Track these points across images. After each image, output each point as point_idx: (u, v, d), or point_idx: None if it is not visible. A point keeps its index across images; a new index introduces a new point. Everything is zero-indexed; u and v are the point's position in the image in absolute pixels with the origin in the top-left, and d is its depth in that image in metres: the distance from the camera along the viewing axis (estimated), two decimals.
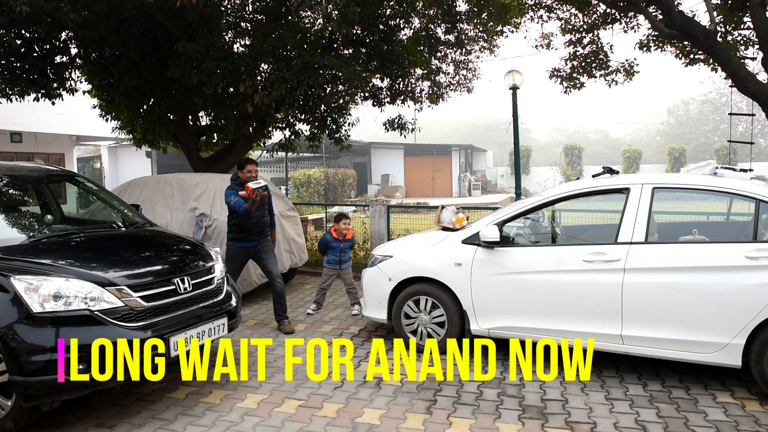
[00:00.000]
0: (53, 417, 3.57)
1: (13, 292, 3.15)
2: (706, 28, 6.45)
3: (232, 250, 5.48)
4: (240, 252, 5.48)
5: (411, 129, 9.65)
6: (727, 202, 4.94)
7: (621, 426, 3.39)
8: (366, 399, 3.83)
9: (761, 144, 42.77)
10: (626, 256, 3.94)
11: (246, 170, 5.39)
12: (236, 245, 5.46)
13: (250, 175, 5.38)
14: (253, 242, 5.48)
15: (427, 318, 4.75)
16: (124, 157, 23.96)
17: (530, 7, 9.72)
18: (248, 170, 5.38)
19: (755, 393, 3.82)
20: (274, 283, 5.50)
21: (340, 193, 26.81)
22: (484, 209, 7.72)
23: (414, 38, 9.01)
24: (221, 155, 9.51)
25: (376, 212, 8.28)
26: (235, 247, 5.47)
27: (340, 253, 5.98)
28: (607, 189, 4.31)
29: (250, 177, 5.37)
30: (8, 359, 3.08)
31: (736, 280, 3.67)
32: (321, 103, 7.91)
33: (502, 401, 3.79)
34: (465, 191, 32.43)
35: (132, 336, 3.33)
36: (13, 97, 7.91)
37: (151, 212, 6.50)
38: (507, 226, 4.57)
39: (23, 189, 4.86)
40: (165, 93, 8.51)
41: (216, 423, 3.50)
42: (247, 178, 5.38)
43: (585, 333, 4.12)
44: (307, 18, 8.61)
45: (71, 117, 16.31)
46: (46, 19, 6.30)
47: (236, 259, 5.47)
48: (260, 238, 5.52)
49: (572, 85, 10.04)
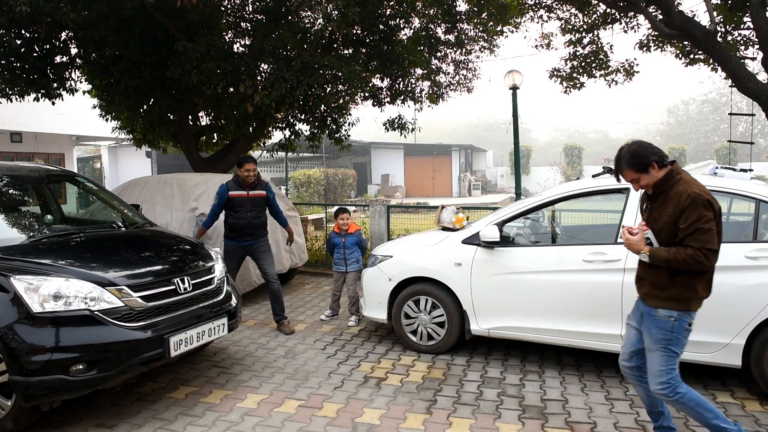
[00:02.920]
0: (53, 417, 3.57)
1: (13, 292, 3.15)
2: (706, 28, 6.45)
3: (227, 247, 5.54)
4: (235, 250, 5.51)
5: (411, 129, 9.66)
6: (727, 202, 4.93)
7: (621, 426, 3.39)
8: (366, 399, 3.83)
9: (761, 144, 42.76)
10: (626, 256, 3.94)
11: (243, 169, 5.38)
12: (231, 243, 5.51)
13: (248, 174, 5.37)
14: (246, 242, 5.50)
15: (427, 318, 4.75)
16: (124, 157, 23.97)
17: (530, 7, 9.72)
18: (245, 169, 5.38)
19: (755, 393, 3.82)
20: (270, 283, 5.50)
21: (340, 193, 26.80)
22: (484, 209, 7.72)
23: (414, 38, 9.00)
24: (221, 155, 9.51)
25: (376, 212, 8.28)
26: (230, 245, 5.52)
27: (344, 250, 5.90)
28: (607, 189, 4.31)
29: (247, 176, 5.37)
30: (8, 359, 3.08)
31: (736, 280, 3.66)
32: (321, 103, 7.91)
33: (502, 401, 3.79)
34: (465, 191, 32.44)
35: (132, 336, 3.33)
36: (13, 97, 7.91)
37: (151, 212, 6.50)
38: (507, 226, 4.57)
39: (23, 189, 4.86)
40: (165, 93, 8.51)
41: (216, 423, 3.50)
42: (244, 177, 5.38)
43: (585, 333, 4.12)
44: (307, 18, 8.60)
45: (71, 117, 16.32)
46: (46, 19, 6.30)
47: (232, 256, 5.49)
48: (253, 239, 5.52)
49: (572, 85, 10.05)
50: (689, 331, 2.82)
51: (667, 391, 2.79)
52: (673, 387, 2.79)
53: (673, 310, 2.77)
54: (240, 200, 5.42)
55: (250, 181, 5.42)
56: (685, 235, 2.70)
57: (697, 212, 2.66)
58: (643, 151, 2.80)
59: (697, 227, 2.65)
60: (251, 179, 5.41)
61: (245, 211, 5.42)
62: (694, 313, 2.80)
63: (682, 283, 2.75)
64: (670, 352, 2.79)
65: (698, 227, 2.65)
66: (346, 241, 5.87)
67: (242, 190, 5.43)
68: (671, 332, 2.78)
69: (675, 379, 2.80)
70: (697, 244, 2.65)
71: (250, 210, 5.43)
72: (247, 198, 5.43)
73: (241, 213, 5.41)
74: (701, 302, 2.82)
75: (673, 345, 2.79)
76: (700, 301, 2.81)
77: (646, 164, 2.78)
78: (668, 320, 2.78)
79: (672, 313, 2.77)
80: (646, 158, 2.78)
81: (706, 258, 2.66)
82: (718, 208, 2.73)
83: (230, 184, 5.45)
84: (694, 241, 2.66)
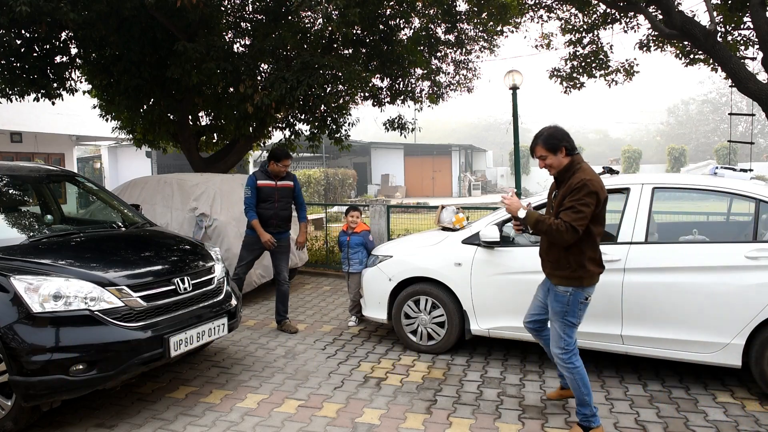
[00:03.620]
0: (53, 417, 3.57)
1: (13, 292, 3.15)
2: (706, 28, 6.46)
3: (249, 238, 5.35)
4: (257, 242, 5.30)
5: (411, 129, 9.65)
6: (727, 202, 4.93)
7: (621, 426, 3.39)
8: (366, 399, 3.83)
9: (761, 144, 42.77)
10: (626, 256, 3.94)
11: (282, 164, 5.24)
12: (253, 234, 5.30)
13: (281, 169, 5.25)
14: (273, 236, 5.30)
15: (427, 318, 4.75)
16: (124, 157, 23.98)
17: (530, 7, 9.72)
18: (284, 164, 5.24)
19: (755, 393, 3.82)
20: (280, 284, 5.44)
21: (340, 193, 26.81)
22: (484, 209, 7.71)
23: (414, 38, 9.00)
24: (221, 155, 9.51)
25: (376, 212, 8.28)
26: (251, 236, 5.32)
27: (347, 249, 5.79)
28: (607, 189, 4.30)
29: (280, 171, 5.25)
30: (8, 359, 3.08)
31: (736, 280, 3.66)
32: (321, 103, 7.91)
33: (502, 401, 3.79)
34: (465, 191, 32.44)
35: (132, 336, 3.33)
36: (13, 97, 7.91)
37: (151, 212, 6.51)
38: (507, 226, 4.56)
39: (23, 189, 4.86)
40: (165, 93, 8.51)
41: (216, 423, 3.50)
42: (277, 171, 5.26)
43: (585, 333, 4.11)
44: (307, 18, 8.60)
45: (71, 117, 16.33)
46: (46, 19, 6.30)
47: (252, 248, 5.34)
48: (277, 231, 5.34)
49: (572, 85, 10.05)
50: (585, 304, 3.23)
51: (563, 356, 3.23)
52: (569, 354, 3.22)
53: (569, 287, 3.18)
54: (268, 190, 5.28)
55: (282, 175, 5.33)
56: (562, 210, 3.09)
57: (580, 194, 3.02)
58: (558, 134, 3.17)
59: (573, 205, 3.03)
60: (283, 173, 5.32)
61: (272, 201, 5.28)
62: (589, 288, 3.20)
63: (575, 263, 3.14)
64: (568, 323, 3.22)
65: (574, 205, 3.03)
66: (351, 240, 5.73)
67: (270, 180, 5.30)
68: (567, 305, 3.20)
69: (571, 346, 3.23)
70: (566, 218, 3.03)
71: (277, 201, 5.29)
72: (275, 188, 5.30)
73: (268, 203, 5.26)
74: (594, 278, 3.20)
75: (570, 316, 3.21)
76: (593, 278, 3.19)
77: (557, 147, 3.16)
78: (565, 295, 3.20)
79: (568, 289, 3.19)
80: (559, 141, 3.15)
81: (566, 231, 3.02)
82: (604, 198, 3.11)
83: (258, 173, 5.32)
84: (566, 215, 3.04)
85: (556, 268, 3.23)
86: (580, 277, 3.15)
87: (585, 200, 3.01)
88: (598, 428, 3.22)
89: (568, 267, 3.16)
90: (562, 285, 3.20)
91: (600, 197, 3.06)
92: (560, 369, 3.30)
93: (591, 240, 3.13)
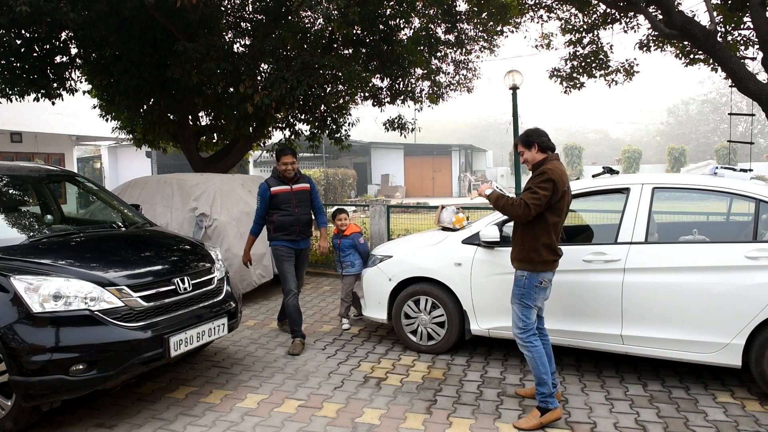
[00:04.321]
0: (53, 417, 3.57)
1: (13, 292, 3.15)
2: (706, 28, 6.46)
3: (278, 250, 4.96)
4: (288, 251, 4.95)
5: (411, 129, 9.66)
6: (727, 202, 4.93)
7: (621, 426, 3.39)
8: (366, 399, 3.83)
9: (761, 144, 42.78)
10: (626, 256, 3.94)
11: (281, 162, 4.89)
12: (281, 244, 4.95)
13: (286, 168, 4.89)
14: (298, 244, 4.99)
15: (427, 318, 4.75)
16: (124, 157, 23.99)
17: (530, 7, 9.73)
18: (283, 162, 4.88)
19: (755, 393, 3.82)
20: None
21: (340, 193, 26.81)
22: (484, 209, 7.71)
23: (414, 38, 9.00)
24: (221, 155, 9.52)
25: (376, 212, 8.28)
26: (280, 246, 4.95)
27: (338, 251, 5.78)
28: (607, 189, 4.31)
29: (285, 169, 4.92)
30: (8, 359, 3.08)
31: (736, 280, 3.66)
32: (321, 103, 7.92)
33: (502, 401, 3.79)
34: (465, 191, 32.44)
35: (132, 336, 3.33)
36: (13, 97, 7.92)
37: (151, 212, 6.50)
38: (507, 226, 4.56)
39: (23, 189, 4.86)
40: (165, 93, 8.51)
41: (216, 423, 3.50)
42: (283, 171, 4.94)
43: (585, 333, 4.12)
44: (307, 18, 8.61)
45: (71, 117, 16.33)
46: (46, 19, 6.30)
47: (286, 258, 4.94)
48: (302, 238, 5.01)
49: (572, 85, 10.06)
50: (541, 288, 3.46)
51: (522, 336, 3.46)
52: (527, 333, 3.45)
53: (524, 270, 3.45)
54: (284, 195, 4.90)
55: (290, 175, 4.92)
56: (522, 191, 3.43)
57: (539, 179, 3.32)
58: (534, 133, 3.52)
59: (530, 186, 3.35)
60: (290, 173, 4.92)
61: (292, 206, 4.90)
62: (543, 273, 3.43)
63: (529, 246, 3.40)
64: (525, 305, 3.45)
65: (531, 186, 3.34)
66: (342, 243, 5.68)
67: (285, 185, 4.93)
68: (524, 288, 3.45)
69: (529, 327, 3.45)
70: (524, 196, 3.33)
71: (297, 205, 4.92)
72: (292, 193, 4.93)
73: (287, 210, 4.89)
74: (549, 265, 3.43)
75: (526, 298, 3.44)
76: (547, 264, 3.42)
77: (531, 143, 3.50)
78: (521, 278, 3.46)
79: (524, 272, 3.45)
80: (533, 138, 3.50)
81: (519, 206, 3.31)
82: (561, 191, 3.33)
83: (270, 180, 4.96)
84: (524, 195, 3.35)
85: (515, 253, 3.51)
86: (533, 260, 3.39)
87: (542, 185, 3.29)
88: (555, 410, 3.38)
89: (522, 250, 3.44)
90: (519, 269, 3.48)
91: (557, 186, 3.30)
92: (520, 348, 3.51)
93: (545, 226, 3.37)
